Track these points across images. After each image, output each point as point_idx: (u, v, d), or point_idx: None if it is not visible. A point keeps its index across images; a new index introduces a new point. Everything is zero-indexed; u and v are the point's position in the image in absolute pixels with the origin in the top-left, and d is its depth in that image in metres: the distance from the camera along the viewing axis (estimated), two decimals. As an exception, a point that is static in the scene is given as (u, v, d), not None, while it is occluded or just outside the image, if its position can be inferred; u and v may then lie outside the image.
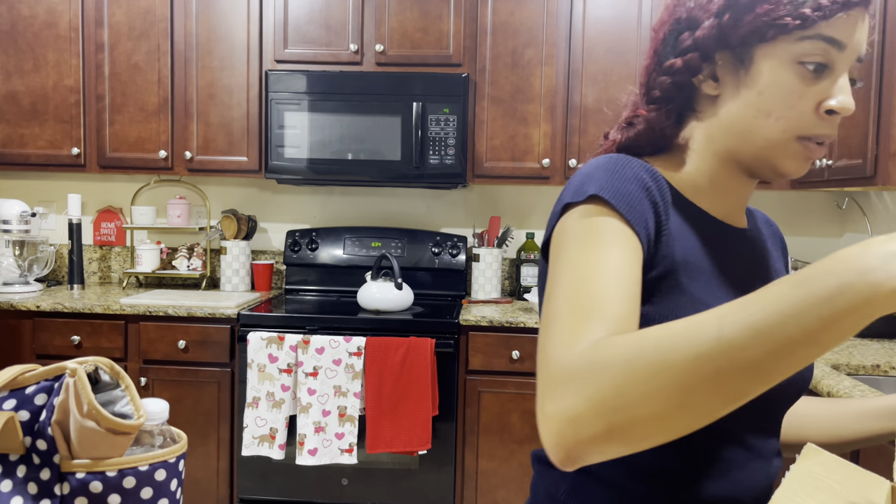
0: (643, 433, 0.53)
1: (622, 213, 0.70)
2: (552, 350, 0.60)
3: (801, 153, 0.75)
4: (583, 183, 0.73)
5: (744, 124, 0.76)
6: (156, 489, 0.62)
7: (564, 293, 0.64)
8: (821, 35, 0.71)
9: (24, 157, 2.77)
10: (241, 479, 2.45)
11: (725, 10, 0.75)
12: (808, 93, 0.72)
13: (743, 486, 0.77)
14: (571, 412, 0.54)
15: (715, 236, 0.80)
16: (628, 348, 0.54)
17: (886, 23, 1.91)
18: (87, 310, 2.49)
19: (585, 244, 0.67)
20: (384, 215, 3.05)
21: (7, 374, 0.61)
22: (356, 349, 2.32)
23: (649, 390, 0.52)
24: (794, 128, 0.74)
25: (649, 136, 0.84)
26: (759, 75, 0.74)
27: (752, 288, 0.80)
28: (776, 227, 0.97)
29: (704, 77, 0.79)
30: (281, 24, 2.67)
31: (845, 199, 2.81)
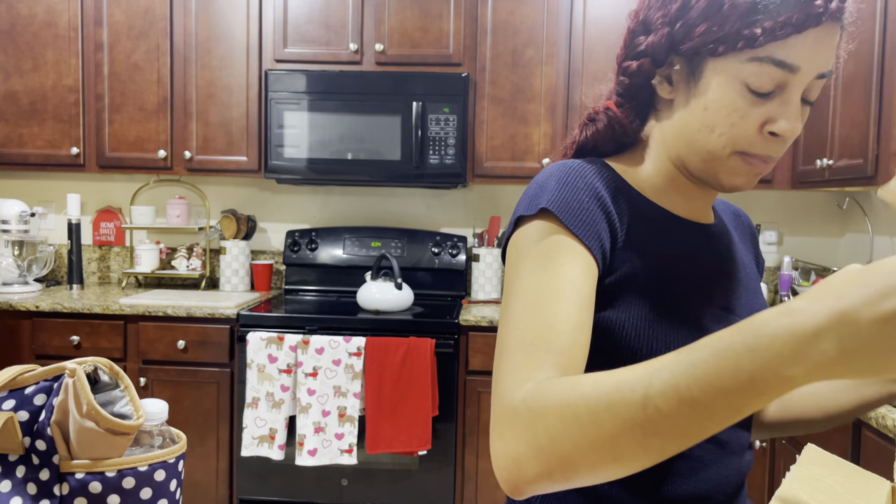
0: (582, 477, 0.56)
1: (572, 230, 0.70)
2: (501, 388, 0.63)
3: (742, 169, 0.74)
4: (535, 195, 0.74)
5: (690, 135, 0.76)
6: (155, 489, 0.62)
7: (514, 323, 0.67)
8: (771, 58, 0.68)
9: (23, 157, 2.77)
10: (241, 479, 2.45)
11: (678, 20, 0.73)
12: (752, 113, 0.71)
13: (713, 483, 0.77)
14: (513, 454, 0.58)
15: (677, 235, 0.80)
16: (561, 401, 0.56)
17: (887, 23, 1.91)
18: (87, 310, 2.49)
19: (536, 266, 0.69)
20: (384, 215, 3.05)
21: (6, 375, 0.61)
22: (356, 349, 2.31)
23: (581, 443, 0.54)
24: (735, 144, 0.72)
25: (610, 133, 0.85)
26: (707, 89, 0.72)
27: (716, 284, 0.79)
28: (746, 217, 0.96)
29: (660, 80, 0.78)
30: (280, 23, 2.67)
31: (846, 200, 2.81)
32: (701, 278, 0.78)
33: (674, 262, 0.77)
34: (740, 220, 0.94)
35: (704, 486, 0.76)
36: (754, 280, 0.87)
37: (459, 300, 2.85)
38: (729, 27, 0.69)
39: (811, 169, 2.39)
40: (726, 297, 0.79)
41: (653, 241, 0.77)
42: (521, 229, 0.74)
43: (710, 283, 0.79)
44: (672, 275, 0.76)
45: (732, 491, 0.79)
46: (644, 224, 0.78)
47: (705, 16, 0.71)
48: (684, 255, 0.79)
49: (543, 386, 0.59)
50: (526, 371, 0.63)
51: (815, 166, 2.34)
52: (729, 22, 0.69)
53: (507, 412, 0.60)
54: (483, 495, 2.46)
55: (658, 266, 0.76)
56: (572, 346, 0.65)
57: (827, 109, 2.28)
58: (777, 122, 0.70)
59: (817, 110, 2.37)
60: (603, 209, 0.73)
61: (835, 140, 2.22)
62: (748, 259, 0.89)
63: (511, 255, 0.73)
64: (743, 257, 0.87)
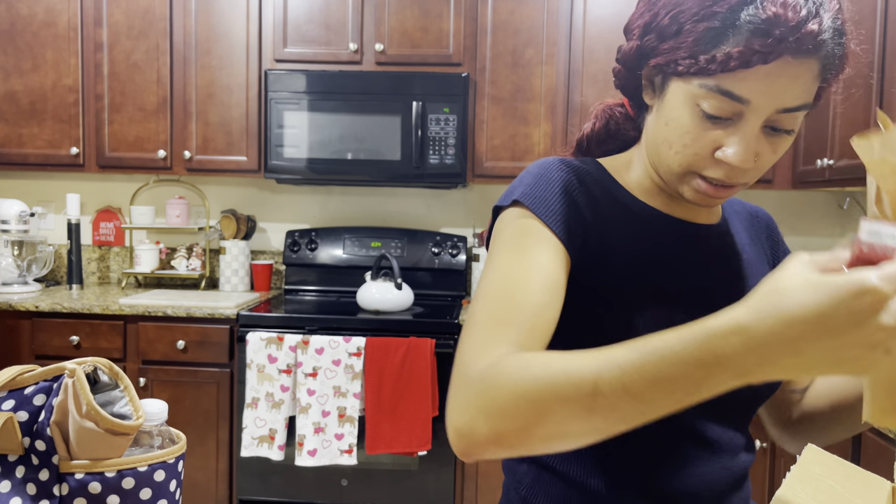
0: (529, 448, 0.59)
1: (542, 219, 0.73)
2: (463, 356, 0.66)
3: (699, 188, 0.74)
4: (513, 188, 0.78)
5: (656, 145, 0.77)
6: (155, 490, 0.62)
7: (483, 298, 0.70)
8: (718, 87, 0.67)
9: (22, 157, 2.77)
10: (241, 479, 2.44)
11: (646, 34, 0.74)
12: (705, 136, 0.70)
13: (699, 481, 0.76)
14: (466, 418, 0.61)
15: (666, 234, 0.80)
16: (513, 379, 0.59)
17: (887, 22, 1.91)
18: (86, 310, 2.49)
19: (508, 249, 0.73)
20: (384, 215, 3.05)
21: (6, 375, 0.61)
22: (356, 349, 2.31)
23: (529, 419, 0.58)
24: (689, 165, 0.73)
25: (606, 132, 0.87)
26: (668, 106, 0.73)
27: (707, 282, 0.79)
28: (766, 217, 0.94)
29: (645, 84, 0.79)
30: (280, 23, 2.67)
31: (846, 199, 2.81)
32: (684, 276, 0.78)
33: (654, 259, 0.78)
34: (756, 221, 0.92)
35: (690, 483, 0.76)
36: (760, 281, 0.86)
37: (459, 300, 2.85)
38: (684, 51, 0.69)
39: (811, 169, 2.39)
40: (714, 296, 0.79)
41: (632, 237, 0.78)
42: (499, 219, 0.78)
43: (694, 282, 0.78)
44: (649, 271, 0.77)
45: (721, 490, 0.78)
46: (626, 220, 0.79)
47: (666, 34, 0.71)
48: (667, 253, 0.79)
49: (499, 361, 0.62)
50: (488, 345, 0.66)
51: (815, 166, 2.34)
52: (684, 45, 0.69)
53: (463, 381, 0.64)
54: (483, 495, 2.46)
55: (635, 262, 0.77)
56: (535, 324, 0.68)
57: (827, 109, 2.28)
58: (725, 150, 0.70)
59: (817, 110, 2.37)
60: (574, 203, 0.76)
61: (835, 140, 2.22)
62: (757, 260, 0.87)
63: (491, 240, 0.78)
64: (748, 258, 0.86)
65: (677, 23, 0.69)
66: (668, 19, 0.70)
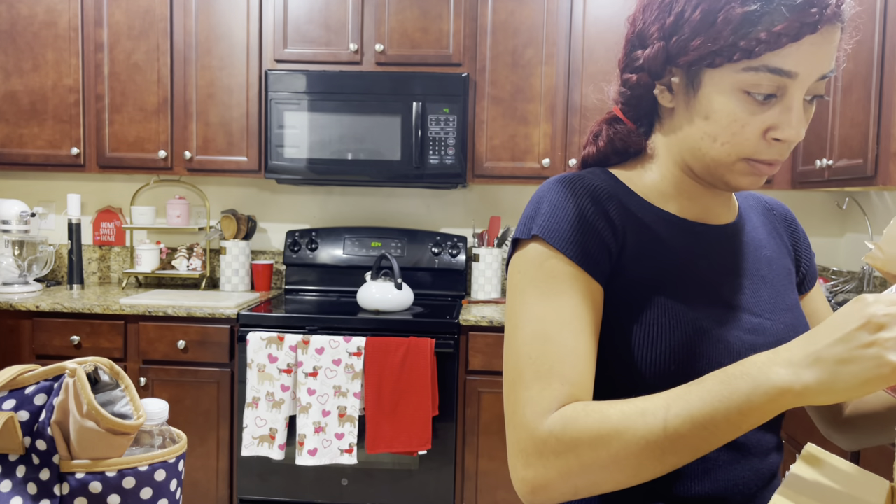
0: (603, 492, 0.67)
1: (566, 255, 0.74)
2: (522, 417, 0.70)
3: (749, 171, 0.75)
4: (530, 217, 0.78)
5: (692, 143, 0.76)
6: (155, 489, 0.62)
7: (526, 353, 0.72)
8: (766, 66, 0.68)
9: (23, 157, 2.77)
10: (241, 479, 2.45)
11: (672, 34, 0.74)
12: (753, 121, 0.71)
13: (728, 484, 0.76)
14: (543, 480, 0.68)
15: (680, 238, 0.80)
16: (594, 431, 0.65)
17: (887, 23, 1.91)
18: (87, 310, 2.49)
19: (538, 294, 0.74)
20: (384, 215, 3.05)
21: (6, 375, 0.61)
22: (356, 349, 2.31)
23: (609, 467, 0.65)
24: (739, 152, 0.73)
25: (612, 148, 0.86)
26: (706, 100, 0.73)
27: (724, 283, 0.79)
28: (782, 210, 0.94)
29: (661, 89, 0.79)
30: (281, 23, 2.67)
31: (846, 199, 2.81)
32: (705, 279, 0.78)
33: (681, 265, 0.78)
34: (773, 215, 0.92)
35: (719, 487, 0.76)
36: (783, 277, 0.85)
37: (459, 300, 2.85)
38: (724, 40, 0.69)
39: (811, 169, 2.39)
40: (736, 296, 0.79)
41: (652, 245, 0.78)
42: (519, 252, 0.78)
43: (715, 283, 0.79)
44: (671, 277, 0.77)
45: (752, 492, 0.78)
46: (644, 229, 0.78)
47: (699, 30, 0.71)
48: (687, 257, 0.79)
49: (572, 417, 0.67)
50: (546, 402, 0.70)
51: (814, 166, 2.34)
52: (723, 35, 0.69)
53: (534, 442, 0.69)
54: (483, 495, 2.47)
55: (656, 269, 0.77)
56: (582, 376, 0.71)
57: (827, 109, 2.28)
58: (779, 129, 0.71)
59: (817, 110, 2.37)
60: (595, 223, 0.75)
61: (835, 140, 2.22)
62: (778, 254, 0.87)
63: (512, 277, 0.78)
64: (769, 254, 0.86)
65: (711, 15, 0.70)
66: (698, 14, 0.70)
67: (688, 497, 0.76)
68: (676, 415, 0.62)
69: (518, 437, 0.70)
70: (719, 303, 0.77)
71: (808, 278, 0.92)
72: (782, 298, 0.82)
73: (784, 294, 0.83)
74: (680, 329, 0.74)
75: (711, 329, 0.75)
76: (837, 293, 2.61)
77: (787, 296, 0.84)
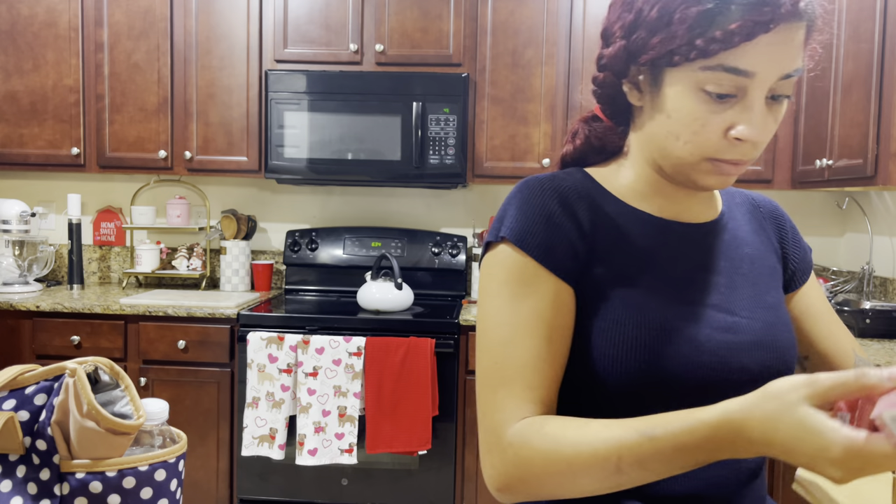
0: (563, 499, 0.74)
1: (535, 257, 0.74)
2: (490, 422, 0.74)
3: (714, 170, 0.74)
4: (499, 220, 0.79)
5: (659, 141, 0.76)
6: (155, 489, 0.62)
7: (493, 357, 0.75)
8: (723, 65, 0.68)
9: (23, 157, 2.77)
10: (241, 479, 2.45)
11: (632, 32, 0.74)
12: (713, 120, 0.71)
13: (705, 483, 0.76)
14: (507, 482, 0.72)
15: (659, 238, 0.79)
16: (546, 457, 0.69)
17: (886, 23, 1.91)
18: (87, 310, 2.49)
19: (507, 298, 0.75)
20: (384, 215, 3.05)
21: (7, 375, 0.61)
22: (356, 349, 2.32)
23: (562, 487, 0.69)
24: (702, 151, 0.73)
25: (590, 146, 0.86)
26: (668, 98, 0.73)
27: (704, 281, 0.79)
28: (769, 206, 0.92)
29: (630, 87, 0.79)
30: (281, 23, 2.67)
31: (845, 199, 2.81)
32: (678, 278, 0.78)
33: (645, 264, 0.77)
34: (759, 212, 0.91)
35: (695, 485, 0.76)
36: (765, 275, 0.84)
37: (459, 300, 2.85)
38: (680, 39, 0.69)
39: (811, 169, 2.39)
40: (710, 295, 0.78)
41: (623, 245, 0.78)
42: (489, 255, 0.79)
43: (689, 282, 0.78)
44: (640, 276, 0.76)
45: (731, 491, 0.78)
46: (615, 228, 0.78)
47: (657, 28, 0.71)
48: (660, 256, 0.78)
49: (527, 437, 0.70)
50: (509, 410, 0.73)
51: (814, 166, 2.34)
52: (679, 33, 0.69)
53: (499, 447, 0.72)
54: (483, 495, 2.47)
55: (625, 268, 0.77)
56: (545, 380, 0.74)
57: (827, 109, 2.28)
58: (739, 128, 0.70)
59: (817, 110, 2.37)
60: (562, 225, 0.76)
61: (834, 140, 2.22)
62: (762, 252, 0.86)
63: (482, 280, 0.79)
64: (751, 252, 0.85)
65: (667, 13, 0.70)
66: (655, 12, 0.70)
67: (662, 496, 0.75)
68: (629, 465, 0.65)
69: (486, 438, 0.74)
70: (692, 301, 0.77)
71: (799, 274, 0.90)
72: (762, 297, 0.81)
73: (765, 292, 0.82)
74: (646, 327, 0.73)
75: (681, 328, 0.74)
76: (837, 293, 2.61)
77: (769, 294, 0.83)
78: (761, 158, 2.57)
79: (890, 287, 2.47)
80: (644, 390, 0.73)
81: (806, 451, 0.55)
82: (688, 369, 0.73)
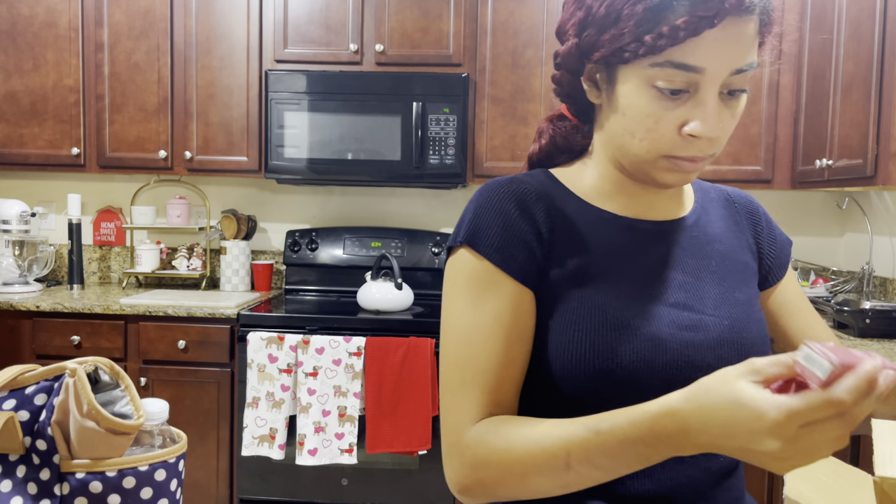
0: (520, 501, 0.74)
1: (492, 261, 0.75)
2: (450, 424, 0.75)
3: (671, 168, 0.74)
4: (459, 224, 0.79)
5: (616, 139, 0.76)
6: (156, 489, 0.62)
7: (453, 361, 0.76)
8: (671, 62, 0.67)
9: (23, 157, 2.77)
10: (241, 479, 2.45)
11: (583, 30, 0.74)
12: (666, 116, 0.70)
13: (673, 483, 0.75)
14: (466, 484, 0.73)
15: (621, 237, 0.79)
16: (500, 459, 0.70)
17: (886, 23, 1.91)
18: (87, 310, 2.49)
19: (467, 301, 0.76)
20: (384, 215, 3.05)
21: (7, 374, 0.61)
22: (356, 349, 2.32)
23: (517, 487, 0.70)
24: (658, 149, 0.72)
25: (555, 146, 0.86)
26: (622, 96, 0.73)
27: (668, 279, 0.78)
28: (745, 201, 0.91)
29: (589, 85, 0.78)
30: (281, 23, 2.67)
31: (845, 199, 2.81)
32: (640, 276, 0.77)
33: (606, 263, 0.77)
34: (734, 208, 0.89)
35: (662, 485, 0.74)
36: (737, 272, 0.83)
37: (459, 300, 2.85)
38: (628, 35, 0.69)
39: (811, 169, 2.39)
40: (674, 292, 0.77)
41: (583, 245, 0.77)
42: (450, 260, 0.79)
43: (652, 280, 0.77)
44: (600, 275, 0.76)
45: (701, 491, 0.76)
46: (576, 229, 0.78)
47: (606, 25, 0.71)
48: (622, 255, 0.78)
49: (483, 438, 0.71)
50: (468, 412, 0.74)
51: (814, 166, 2.34)
52: (627, 30, 0.69)
53: (458, 449, 0.73)
54: (483, 495, 2.47)
55: (585, 268, 0.76)
56: (503, 383, 0.74)
57: (827, 109, 2.28)
58: (692, 125, 0.70)
59: (817, 110, 2.37)
60: (519, 227, 0.75)
61: (834, 140, 2.22)
62: (735, 249, 0.85)
63: (444, 284, 0.80)
64: (722, 248, 0.83)
65: (615, 10, 0.69)
66: (603, 9, 0.70)
67: (628, 496, 0.74)
68: (578, 461, 0.65)
69: (447, 440, 0.75)
70: (655, 300, 0.76)
71: (775, 270, 0.89)
72: (732, 294, 0.80)
73: (735, 289, 0.81)
74: (605, 327, 0.73)
75: (641, 327, 0.73)
76: (837, 293, 2.61)
77: (739, 291, 0.81)
78: (761, 158, 2.58)
79: (890, 287, 2.47)
80: (604, 391, 0.72)
81: (742, 426, 0.55)
82: (649, 368, 0.72)
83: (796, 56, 2.54)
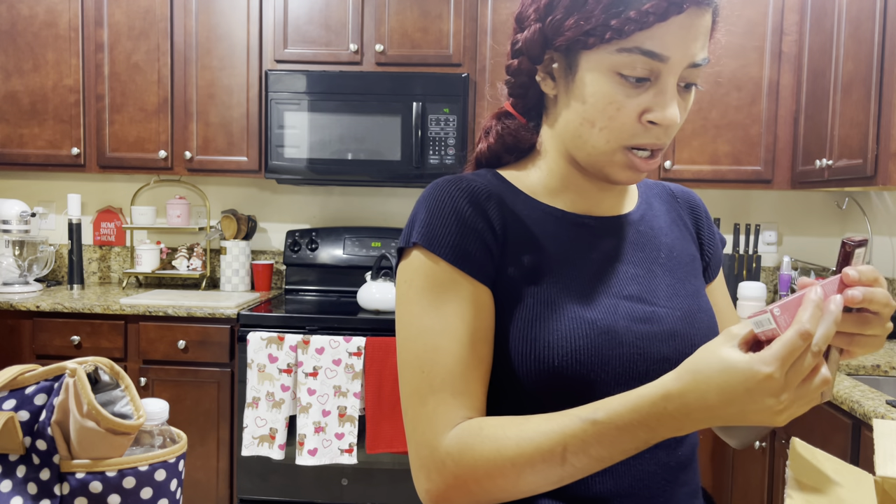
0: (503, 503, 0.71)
1: (448, 261, 0.73)
2: (422, 435, 0.72)
3: (627, 164, 0.74)
4: (410, 225, 0.77)
5: (573, 130, 0.76)
6: (156, 489, 0.62)
7: (418, 367, 0.73)
8: (639, 48, 0.68)
9: (23, 157, 2.77)
10: (241, 479, 2.45)
11: (547, 14, 0.73)
12: (629, 104, 0.71)
13: (632, 480, 0.74)
14: (445, 495, 0.70)
15: (571, 233, 0.79)
16: (490, 462, 0.68)
17: (886, 23, 1.91)
18: (87, 310, 2.49)
19: (425, 304, 0.74)
20: (384, 215, 3.05)
21: (7, 374, 0.61)
22: (356, 349, 2.32)
23: (509, 491, 0.68)
24: (617, 138, 0.73)
25: (503, 144, 0.85)
26: (583, 83, 0.72)
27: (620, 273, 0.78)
28: (687, 197, 0.92)
29: (543, 76, 0.78)
30: (281, 23, 2.67)
31: (845, 200, 2.81)
32: (592, 271, 0.77)
33: (558, 259, 0.77)
34: (677, 202, 0.90)
35: (621, 483, 0.74)
36: (685, 263, 0.84)
37: (459, 300, 2.85)
38: (595, 19, 0.69)
39: (811, 169, 2.39)
40: (627, 286, 0.78)
41: (534, 242, 0.77)
42: (403, 262, 0.77)
43: (604, 275, 0.77)
44: (553, 272, 0.76)
45: (660, 487, 0.76)
46: (526, 227, 0.78)
47: (572, 9, 0.71)
48: (573, 251, 0.78)
49: (468, 444, 0.69)
50: (441, 420, 0.71)
51: (814, 166, 2.34)
52: (595, 14, 0.69)
53: (434, 460, 0.70)
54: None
55: (538, 266, 0.76)
56: (473, 385, 0.73)
57: (827, 109, 2.28)
58: (654, 111, 0.71)
59: (817, 110, 2.37)
60: (474, 225, 0.74)
61: (834, 140, 2.22)
62: (681, 241, 0.86)
63: (399, 287, 0.77)
64: (669, 241, 0.84)
65: None
66: None
67: (588, 497, 0.74)
68: (574, 453, 0.65)
69: (418, 453, 0.72)
70: (608, 294, 0.76)
71: (713, 266, 0.91)
72: (682, 285, 0.81)
73: (685, 281, 0.82)
74: (563, 323, 0.73)
75: (596, 321, 0.73)
76: (837, 293, 2.60)
77: (689, 282, 0.83)
78: (761, 159, 2.58)
79: (890, 287, 2.47)
80: (564, 387, 0.72)
81: (738, 388, 0.58)
82: (606, 362, 0.72)
83: (796, 56, 2.54)
